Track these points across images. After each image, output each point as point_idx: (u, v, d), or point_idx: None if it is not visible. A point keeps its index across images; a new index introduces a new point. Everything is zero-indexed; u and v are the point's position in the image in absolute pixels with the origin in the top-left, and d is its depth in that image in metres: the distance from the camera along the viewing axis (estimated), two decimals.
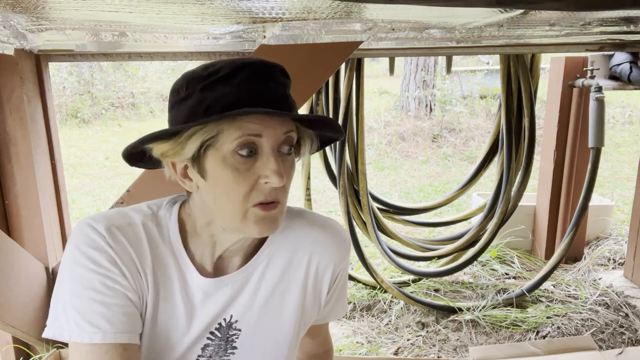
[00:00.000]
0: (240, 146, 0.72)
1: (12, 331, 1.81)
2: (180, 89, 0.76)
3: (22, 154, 1.98)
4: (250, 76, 0.73)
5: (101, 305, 0.75)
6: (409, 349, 2.36)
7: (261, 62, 0.75)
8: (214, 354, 0.86)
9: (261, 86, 0.73)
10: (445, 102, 8.11)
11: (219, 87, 0.72)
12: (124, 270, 0.76)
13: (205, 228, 0.82)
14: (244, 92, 0.72)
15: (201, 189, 0.77)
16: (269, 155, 0.73)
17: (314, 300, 0.93)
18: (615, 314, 2.56)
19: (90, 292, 0.74)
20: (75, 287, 0.75)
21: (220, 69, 0.73)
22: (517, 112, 2.74)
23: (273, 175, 0.73)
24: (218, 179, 0.74)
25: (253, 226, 0.76)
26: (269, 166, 0.73)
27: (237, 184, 0.73)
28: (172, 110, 0.78)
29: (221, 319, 0.85)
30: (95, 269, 0.75)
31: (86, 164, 6.40)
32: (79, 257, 0.75)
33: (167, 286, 0.81)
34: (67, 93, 9.02)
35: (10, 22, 1.40)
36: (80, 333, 0.74)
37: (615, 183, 5.32)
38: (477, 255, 2.88)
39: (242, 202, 0.74)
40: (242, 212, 0.75)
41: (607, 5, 1.16)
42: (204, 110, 0.72)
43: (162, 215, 0.83)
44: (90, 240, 0.76)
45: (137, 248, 0.78)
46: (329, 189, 4.62)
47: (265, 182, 0.74)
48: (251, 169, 0.74)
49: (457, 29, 1.67)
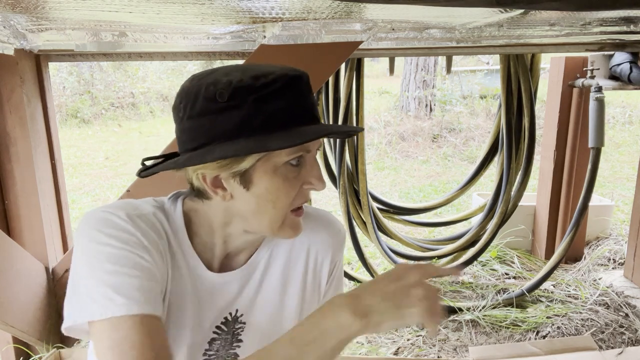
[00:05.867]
0: (293, 158, 0.75)
1: (12, 331, 1.81)
2: (218, 96, 0.71)
3: (22, 154, 1.98)
4: (301, 90, 0.74)
5: (134, 278, 0.70)
6: (409, 349, 2.36)
7: (303, 73, 0.76)
8: (220, 348, 0.87)
9: (308, 100, 0.76)
10: (445, 102, 8.11)
11: (275, 100, 0.71)
12: (151, 250, 0.74)
13: (220, 228, 0.82)
14: (299, 105, 0.74)
15: (237, 197, 0.76)
16: (312, 163, 0.79)
17: (313, 291, 0.94)
18: (615, 314, 2.56)
19: (121, 267, 0.70)
20: (104, 265, 0.70)
21: (274, 80, 0.71)
22: (517, 112, 2.74)
23: (318, 182, 0.78)
24: (266, 188, 0.75)
25: (289, 230, 0.81)
26: (314, 173, 0.78)
27: (286, 192, 0.77)
28: (203, 117, 0.72)
29: (227, 313, 0.86)
30: (123, 246, 0.71)
31: (86, 164, 6.40)
32: (103, 238, 0.72)
33: (178, 278, 0.81)
34: (67, 93, 9.02)
35: (10, 22, 1.40)
36: (114, 307, 0.68)
37: (615, 183, 5.32)
38: (477, 255, 2.88)
39: (287, 208, 0.78)
40: (282, 217, 0.79)
41: (607, 5, 1.17)
42: (262, 123, 0.71)
43: (168, 209, 0.83)
44: (113, 224, 0.73)
45: (157, 233, 0.77)
46: (329, 188, 4.61)
47: (308, 188, 0.79)
48: (297, 177, 0.77)
49: (457, 29, 1.68)
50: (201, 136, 0.73)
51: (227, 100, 0.71)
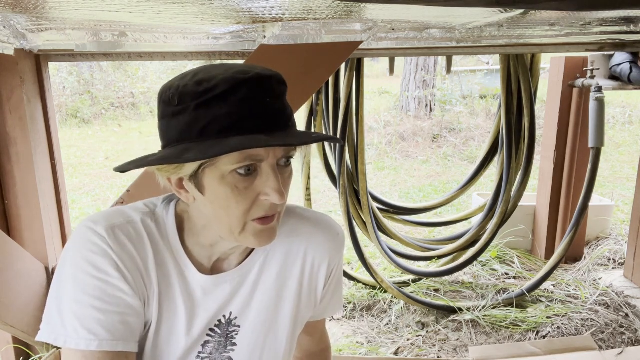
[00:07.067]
0: (240, 167, 0.71)
1: (12, 331, 1.81)
2: (170, 100, 0.72)
3: (22, 154, 1.98)
4: (248, 94, 0.69)
5: (100, 312, 0.74)
6: (409, 349, 2.36)
7: (258, 76, 0.70)
8: (214, 351, 0.87)
9: (259, 104, 0.69)
10: (445, 102, 8.11)
11: (216, 106, 0.68)
12: (126, 274, 0.76)
13: (203, 231, 0.82)
14: (243, 112, 0.68)
15: (198, 201, 0.77)
16: (268, 174, 0.73)
17: (309, 295, 0.94)
18: (615, 314, 2.56)
19: (90, 298, 0.74)
20: (76, 293, 0.74)
21: (216, 85, 0.68)
22: (517, 112, 2.74)
23: (274, 193, 0.73)
24: (216, 195, 0.73)
25: (251, 239, 0.77)
26: (270, 184, 0.73)
27: (237, 202, 0.73)
28: (162, 120, 0.74)
29: (221, 316, 0.86)
30: (96, 275, 0.74)
31: (86, 164, 6.40)
32: (79, 262, 0.75)
33: (167, 284, 0.82)
34: (67, 93, 9.02)
35: (10, 22, 1.40)
36: (77, 339, 0.74)
37: (615, 183, 5.32)
38: (477, 255, 2.88)
39: (242, 218, 0.75)
40: (240, 226, 0.75)
41: (607, 5, 1.16)
42: (200, 130, 0.69)
43: (159, 213, 0.83)
44: (91, 244, 0.75)
45: (139, 245, 0.78)
46: (329, 189, 4.62)
47: (265, 199, 0.74)
48: (250, 187, 0.73)
49: (457, 29, 1.68)
50: (162, 138, 0.75)
51: (177, 104, 0.71)
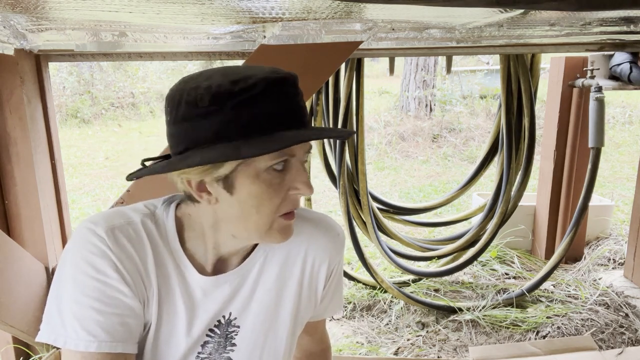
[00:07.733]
0: (277, 163, 0.74)
1: (12, 331, 1.81)
2: (199, 101, 0.70)
3: (22, 154, 1.98)
4: (284, 93, 0.72)
5: (99, 313, 0.75)
6: (409, 349, 2.36)
7: (288, 75, 0.73)
8: (213, 351, 0.87)
9: (293, 103, 0.73)
10: (445, 102, 8.12)
11: (258, 104, 0.70)
12: (125, 275, 0.76)
13: (210, 232, 0.82)
14: (281, 109, 0.72)
15: (222, 202, 0.77)
16: (298, 168, 0.77)
17: (309, 295, 0.94)
18: (615, 314, 2.56)
19: (90, 299, 0.74)
20: (76, 294, 0.75)
21: (255, 84, 0.70)
22: (517, 112, 2.74)
23: (304, 187, 0.76)
24: (249, 194, 0.74)
25: (277, 235, 0.79)
26: (300, 178, 0.76)
27: (270, 198, 0.75)
28: (185, 122, 0.73)
29: (220, 316, 0.86)
30: (96, 276, 0.75)
31: (86, 164, 6.40)
32: (79, 263, 0.75)
33: (167, 285, 0.82)
34: (67, 93, 9.02)
35: (10, 22, 1.40)
36: (77, 340, 0.74)
37: (615, 183, 5.32)
38: (477, 255, 2.88)
39: (272, 214, 0.77)
40: (269, 223, 0.77)
41: (607, 5, 1.17)
42: (242, 129, 0.70)
43: (159, 214, 0.83)
44: (91, 245, 0.75)
45: (139, 247, 0.79)
46: (329, 189, 4.62)
47: (295, 193, 0.77)
48: (282, 182, 0.76)
49: (457, 29, 1.68)
50: (184, 141, 0.73)
51: (207, 105, 0.70)
